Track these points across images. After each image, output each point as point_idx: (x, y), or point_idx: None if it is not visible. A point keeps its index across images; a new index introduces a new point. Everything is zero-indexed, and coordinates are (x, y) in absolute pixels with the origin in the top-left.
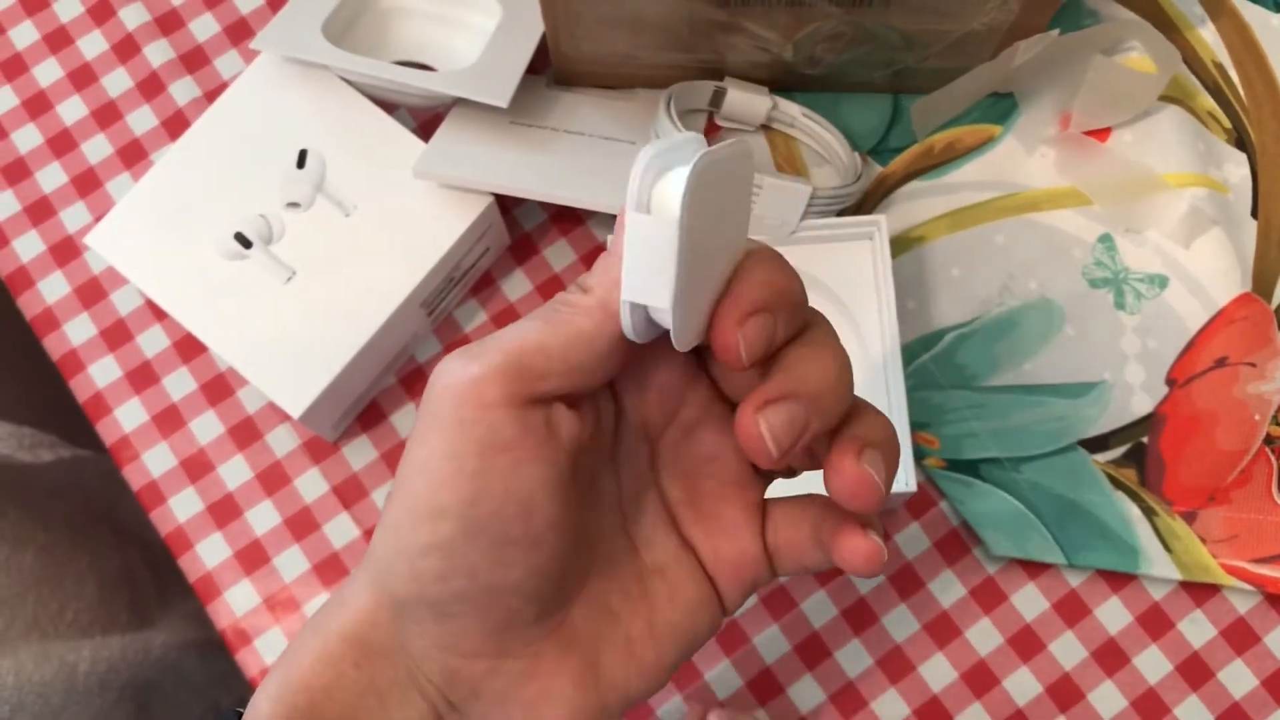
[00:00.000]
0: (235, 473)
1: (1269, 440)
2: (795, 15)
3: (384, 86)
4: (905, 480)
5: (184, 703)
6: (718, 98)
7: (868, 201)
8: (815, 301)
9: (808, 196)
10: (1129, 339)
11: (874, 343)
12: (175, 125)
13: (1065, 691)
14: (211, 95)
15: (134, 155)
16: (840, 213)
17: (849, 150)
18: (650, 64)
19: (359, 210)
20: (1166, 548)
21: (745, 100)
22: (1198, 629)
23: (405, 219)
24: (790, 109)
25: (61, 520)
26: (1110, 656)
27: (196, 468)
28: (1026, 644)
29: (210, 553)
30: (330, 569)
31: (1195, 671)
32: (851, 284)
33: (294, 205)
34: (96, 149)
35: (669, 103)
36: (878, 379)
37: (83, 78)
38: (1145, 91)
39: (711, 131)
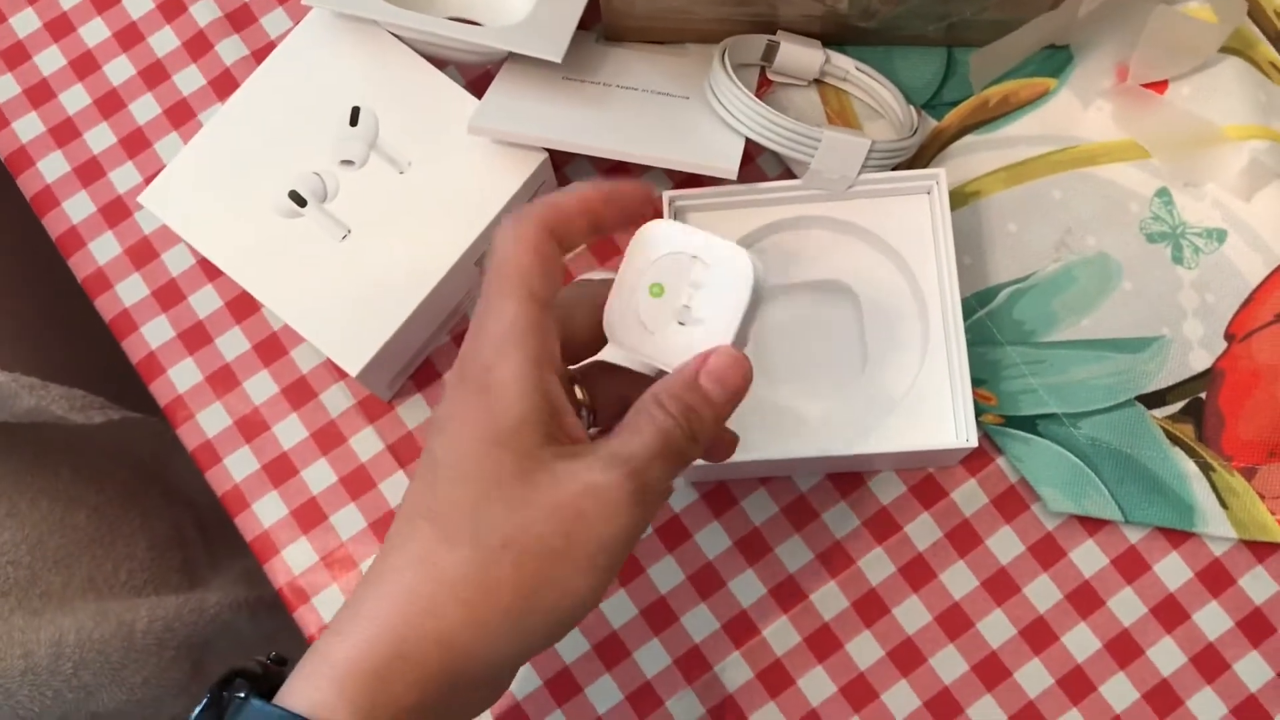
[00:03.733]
0: (290, 432)
1: None
2: None
3: (436, 42)
4: (966, 436)
5: (235, 660)
6: (770, 52)
7: (922, 156)
8: (872, 256)
9: (866, 150)
10: (1187, 294)
11: (933, 297)
12: (223, 85)
13: (1124, 648)
14: (259, 54)
15: (182, 115)
16: (896, 167)
17: (904, 104)
18: (701, 18)
19: (413, 167)
20: (1223, 504)
21: (798, 54)
22: (1259, 585)
23: (459, 175)
24: (843, 63)
25: (113, 481)
26: (1170, 613)
27: (251, 427)
28: (1085, 600)
29: (267, 512)
30: (386, 526)
31: (1256, 627)
32: (910, 238)
33: (348, 163)
34: (144, 109)
35: (724, 56)
36: (937, 334)
37: (129, 37)
38: (1206, 42)
39: (763, 85)
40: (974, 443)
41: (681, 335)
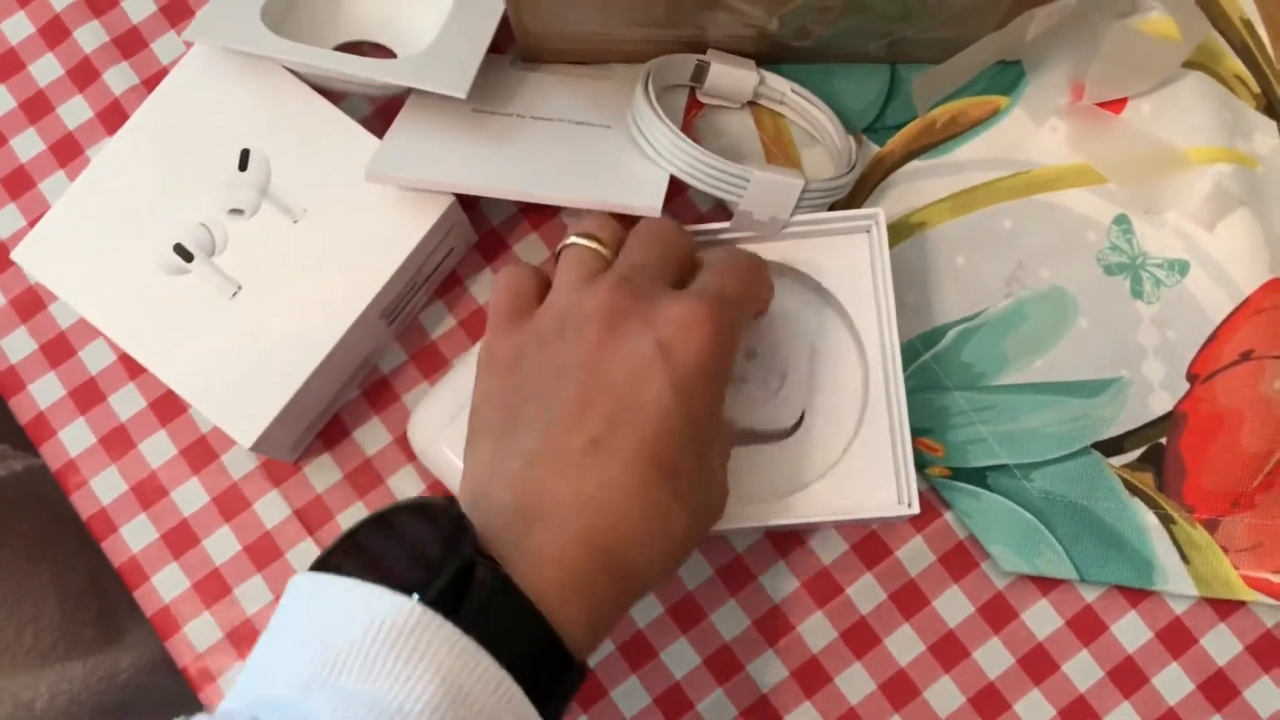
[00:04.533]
0: (190, 498)
1: None
2: None
3: (332, 75)
4: (908, 501)
5: (160, 715)
6: (700, 72)
7: (864, 185)
8: (807, 300)
9: (799, 191)
10: (1147, 331)
11: (872, 345)
12: (111, 117)
13: (1080, 714)
14: (150, 82)
15: (68, 152)
16: (833, 204)
17: (842, 132)
18: (624, 39)
19: (308, 215)
20: (1185, 559)
21: (730, 75)
22: (1222, 644)
23: (360, 223)
24: (779, 84)
25: (20, 535)
26: (1128, 676)
27: (148, 493)
28: (1039, 665)
29: (167, 585)
30: None
31: (1219, 690)
32: (847, 281)
33: (237, 212)
34: (27, 145)
35: (647, 81)
36: (877, 384)
37: (7, 65)
38: (1167, 60)
39: (693, 109)
40: (916, 509)
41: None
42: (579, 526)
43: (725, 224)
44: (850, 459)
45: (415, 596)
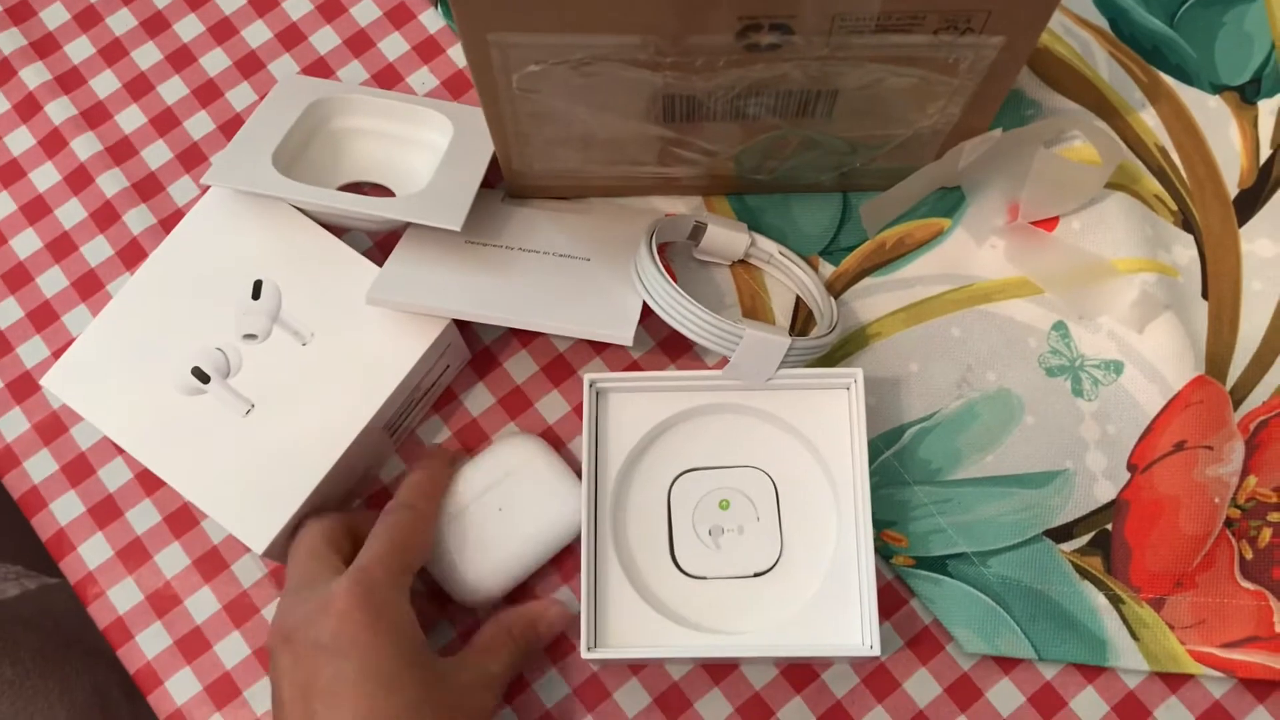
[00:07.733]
0: (203, 605)
1: (1229, 523)
2: (741, 127)
3: (335, 214)
4: (870, 643)
5: None
6: (697, 232)
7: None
8: (791, 446)
9: (785, 349)
10: (1088, 426)
11: (845, 493)
12: (131, 255)
13: None
14: (167, 223)
15: (90, 287)
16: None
17: (825, 293)
18: (602, 176)
19: (316, 338)
20: (1134, 636)
21: (724, 236)
22: (1174, 716)
23: (363, 344)
24: (768, 246)
25: (30, 652)
26: None
27: (163, 602)
28: None
29: (180, 689)
30: None
31: None
32: (827, 432)
33: (251, 337)
34: (51, 282)
35: (651, 239)
36: (848, 531)
37: (36, 210)
38: (1090, 182)
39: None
40: (878, 651)
41: None
42: None
43: (716, 372)
44: (820, 599)
45: None
